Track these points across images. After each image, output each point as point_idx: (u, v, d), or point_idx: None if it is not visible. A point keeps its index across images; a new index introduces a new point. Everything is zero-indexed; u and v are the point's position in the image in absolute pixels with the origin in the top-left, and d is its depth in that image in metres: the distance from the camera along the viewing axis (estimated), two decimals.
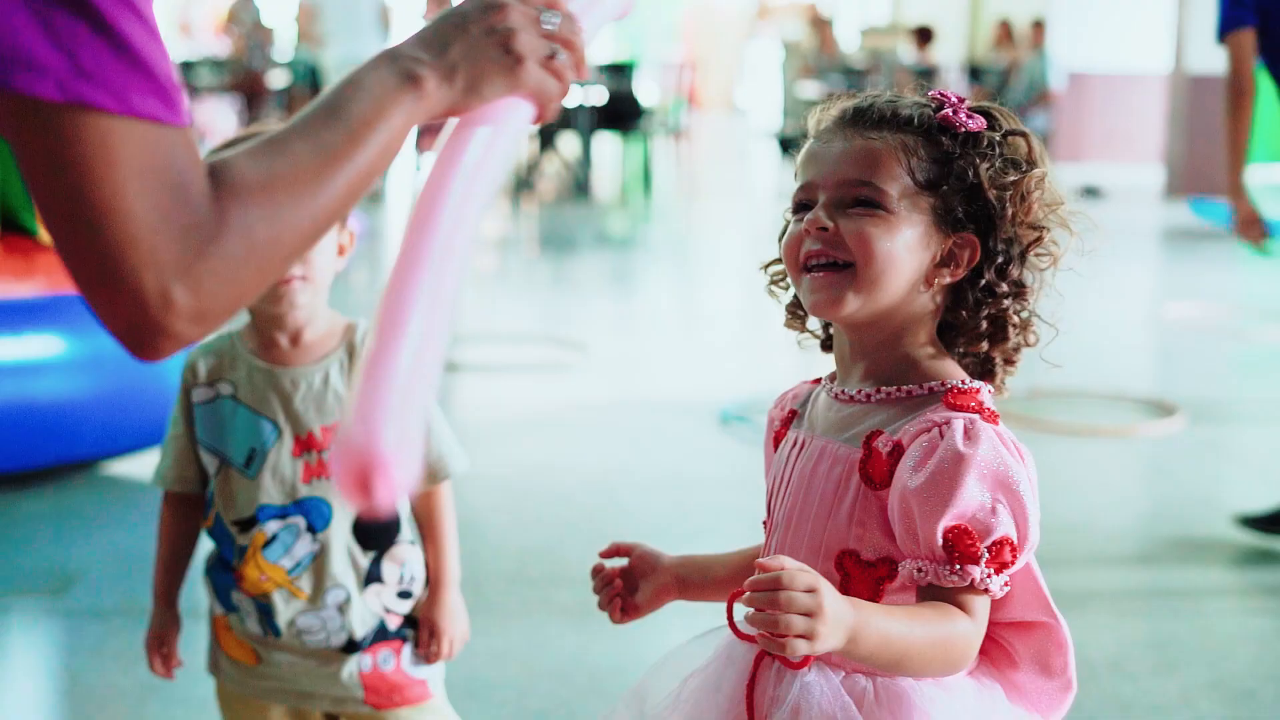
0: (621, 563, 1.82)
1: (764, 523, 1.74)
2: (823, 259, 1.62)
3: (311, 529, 2.19)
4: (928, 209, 1.61)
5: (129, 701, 3.33)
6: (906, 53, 17.02)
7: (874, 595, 1.57)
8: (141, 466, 5.04)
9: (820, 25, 19.23)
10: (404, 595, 2.26)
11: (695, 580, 1.83)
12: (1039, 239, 1.64)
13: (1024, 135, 1.66)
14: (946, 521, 1.49)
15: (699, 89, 23.84)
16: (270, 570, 2.18)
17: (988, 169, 1.61)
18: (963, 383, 1.60)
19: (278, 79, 16.15)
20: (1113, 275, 9.52)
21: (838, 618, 1.39)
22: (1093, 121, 16.40)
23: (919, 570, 1.51)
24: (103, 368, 4.78)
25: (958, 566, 1.49)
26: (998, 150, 1.63)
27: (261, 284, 1.19)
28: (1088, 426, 5.73)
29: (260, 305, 2.16)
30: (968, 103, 1.67)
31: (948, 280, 1.63)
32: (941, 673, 1.53)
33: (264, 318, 2.19)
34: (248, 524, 2.19)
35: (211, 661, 2.32)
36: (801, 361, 6.79)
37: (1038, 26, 14.72)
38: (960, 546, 1.49)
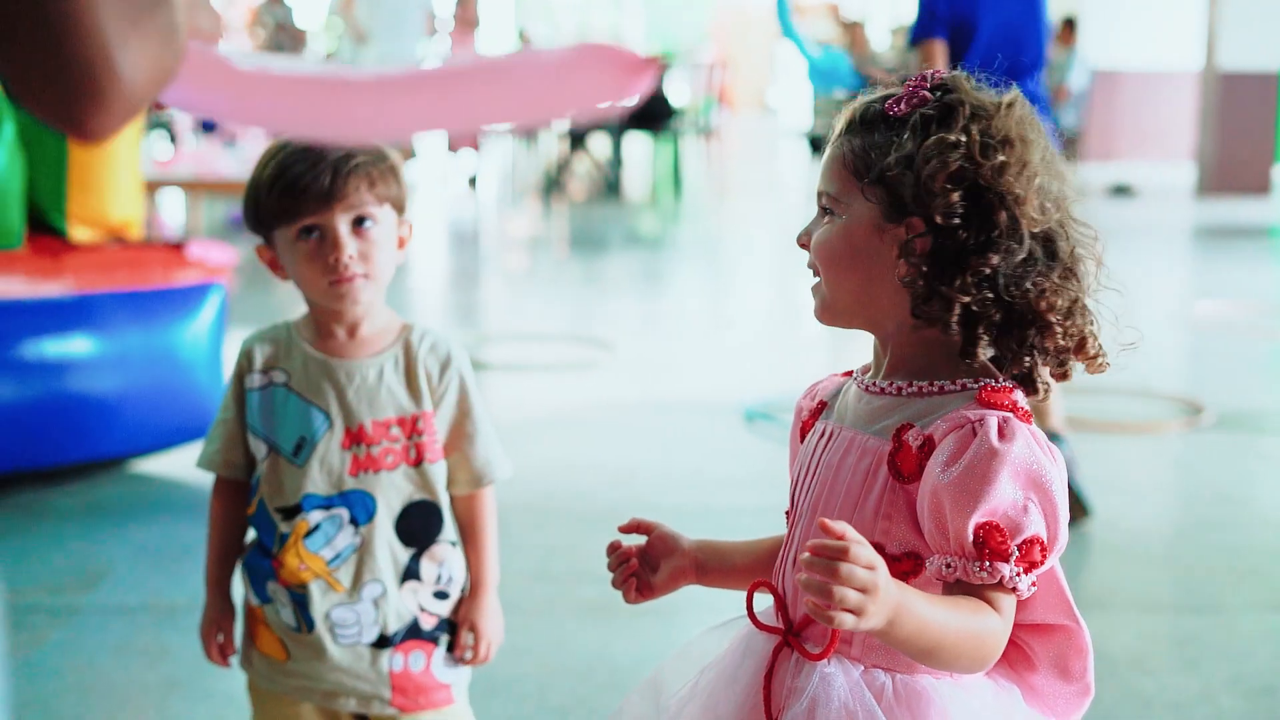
0: (640, 541, 1.81)
1: (786, 513, 1.73)
2: (811, 269, 1.65)
3: (354, 521, 2.19)
4: (876, 201, 1.57)
5: (154, 697, 3.35)
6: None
7: None
8: (170, 464, 5.08)
9: (850, 25, 19.19)
10: (440, 596, 2.26)
11: (714, 566, 1.81)
12: (1000, 215, 1.53)
13: (961, 104, 1.56)
14: (978, 518, 1.47)
15: (730, 89, 23.81)
16: (310, 560, 2.19)
17: (911, 147, 1.54)
18: (996, 380, 1.57)
19: None
20: (1143, 273, 9.49)
21: (887, 599, 1.38)
22: (1124, 120, 16.35)
23: (948, 566, 1.50)
24: (131, 366, 4.82)
25: (988, 564, 1.47)
26: (932, 128, 1.55)
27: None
28: (1115, 423, 5.72)
29: (321, 299, 2.17)
30: (938, 78, 1.60)
31: (906, 272, 1.55)
32: (969, 668, 1.52)
33: (323, 310, 2.21)
34: (291, 512, 2.19)
35: (244, 656, 2.32)
36: (828, 360, 6.79)
37: (1068, 25, 14.68)
38: (991, 543, 1.47)
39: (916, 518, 1.55)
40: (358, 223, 2.13)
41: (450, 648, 2.28)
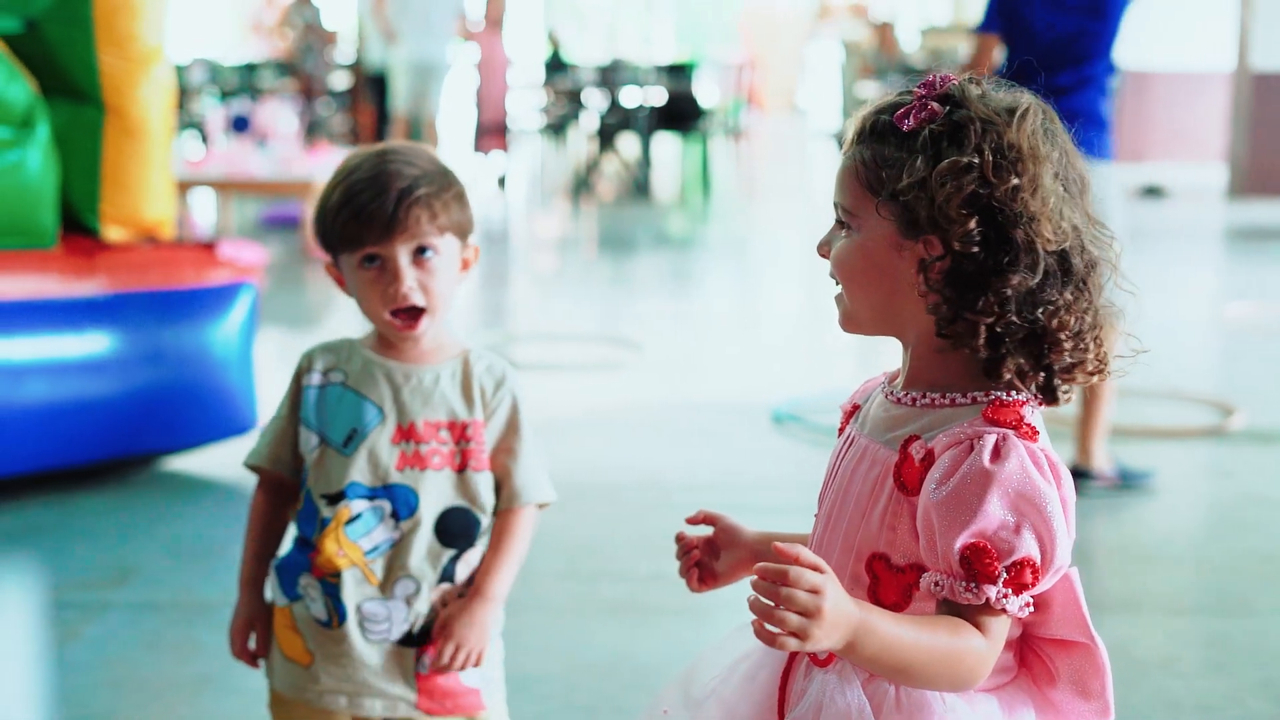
0: (706, 531, 1.83)
1: (815, 514, 1.73)
2: (833, 279, 1.66)
3: (395, 515, 2.22)
4: (891, 216, 1.55)
5: (184, 693, 3.38)
6: (967, 52, 16.93)
7: (903, 601, 1.56)
8: (201, 462, 5.11)
9: (879, 26, 19.16)
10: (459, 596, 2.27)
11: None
12: (999, 235, 1.51)
13: (972, 120, 1.53)
14: (965, 538, 1.47)
15: (759, 89, 23.79)
16: (348, 547, 2.21)
17: (923, 166, 1.52)
18: (1007, 394, 1.55)
19: (338, 80, 16.26)
20: (1174, 275, 9.46)
21: (836, 621, 1.39)
22: (1155, 120, 16.30)
23: (936, 584, 1.50)
24: (163, 365, 4.85)
25: (973, 585, 1.47)
26: (945, 147, 1.52)
27: None
28: (1146, 426, 5.71)
29: (380, 325, 2.22)
30: (946, 87, 1.57)
31: (925, 288, 1.55)
32: (948, 687, 1.51)
33: (389, 334, 2.25)
34: (335, 498, 2.22)
35: (267, 664, 2.32)
36: (857, 363, 6.80)
37: None
38: (978, 564, 1.47)
39: (918, 527, 1.55)
40: (419, 252, 2.18)
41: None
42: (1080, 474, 4.83)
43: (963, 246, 1.51)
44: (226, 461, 5.09)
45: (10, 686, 3.38)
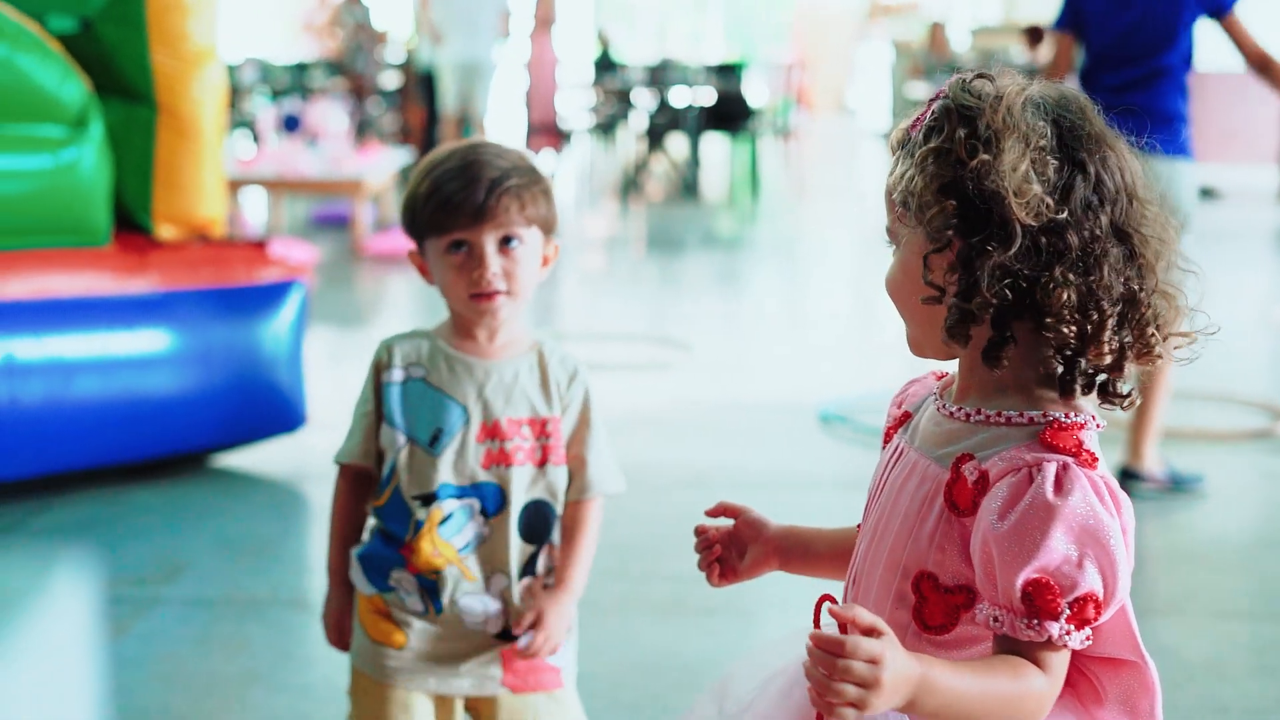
0: (726, 524, 1.82)
1: (858, 526, 1.70)
2: None
3: (484, 512, 2.26)
4: (919, 229, 1.53)
5: (233, 688, 3.40)
6: (1018, 52, 16.87)
7: (949, 623, 1.52)
8: (251, 459, 5.14)
9: (932, 26, 19.10)
10: (546, 588, 2.32)
11: (796, 554, 1.82)
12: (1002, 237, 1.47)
13: (954, 109, 1.52)
14: (1028, 574, 1.42)
15: (808, 89, 23.75)
16: (444, 547, 2.25)
17: (920, 166, 1.52)
18: (1066, 416, 1.50)
19: (389, 80, 16.32)
20: (1226, 277, 9.39)
21: (896, 687, 1.35)
22: (1210, 122, 16.15)
23: (995, 619, 1.45)
24: (213, 363, 4.89)
25: (1035, 621, 1.42)
26: (930, 135, 1.52)
27: None
28: (1197, 429, 5.67)
29: (463, 309, 2.27)
30: (960, 77, 1.55)
31: (925, 280, 1.52)
32: None
33: (466, 320, 2.29)
34: (428, 500, 2.25)
35: (355, 649, 2.35)
36: (906, 364, 6.77)
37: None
38: (1040, 600, 1.42)
39: (970, 551, 1.51)
40: (505, 241, 2.23)
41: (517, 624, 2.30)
42: (1130, 475, 4.82)
43: (940, 231, 1.48)
44: (276, 458, 5.12)
45: (61, 681, 3.41)
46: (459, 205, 2.20)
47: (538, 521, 2.30)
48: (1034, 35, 16.19)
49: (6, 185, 4.66)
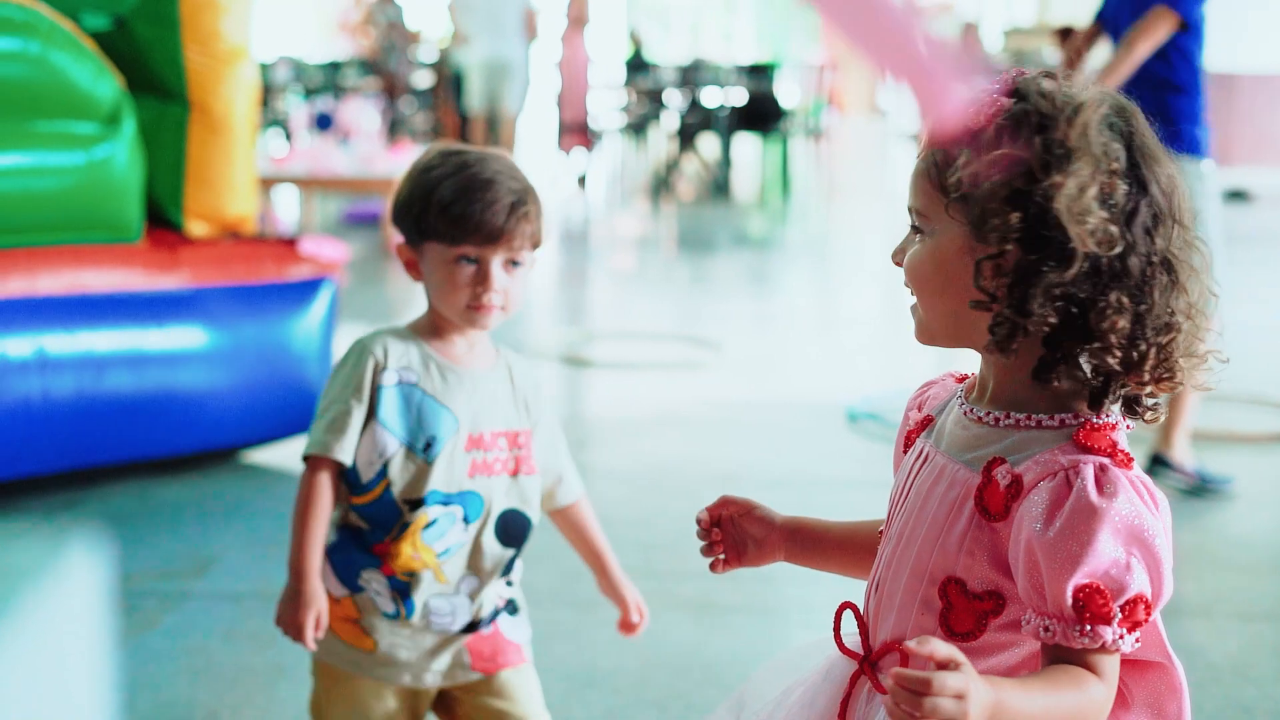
0: (728, 508, 1.81)
1: (881, 529, 1.68)
2: (907, 288, 1.59)
3: (465, 519, 2.31)
4: (962, 218, 1.49)
5: (261, 681, 3.42)
6: (1051, 53, 16.81)
7: (977, 629, 1.50)
8: (280, 455, 5.17)
9: (965, 26, 19.05)
10: (509, 584, 2.40)
11: (803, 545, 1.81)
12: (1108, 246, 1.44)
13: (1027, 114, 1.47)
14: (1078, 580, 1.39)
15: (840, 90, 23.71)
16: (424, 550, 2.29)
17: (982, 162, 1.47)
18: (1097, 417, 1.49)
19: (421, 79, 16.36)
20: (1257, 279, 9.34)
21: (979, 717, 1.31)
22: (1243, 124, 16.07)
23: (1045, 629, 1.42)
24: (243, 359, 4.91)
25: (1088, 628, 1.40)
26: (1002, 136, 1.47)
27: None
28: (1226, 431, 5.65)
29: (454, 316, 2.30)
30: (1013, 83, 1.51)
31: (974, 283, 1.48)
32: None
33: (451, 326, 2.33)
34: (416, 504, 2.28)
35: (322, 645, 2.35)
36: (933, 363, 6.76)
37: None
38: (1092, 606, 1.39)
39: (1001, 556, 1.49)
40: (510, 262, 2.29)
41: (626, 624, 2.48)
42: (1160, 462, 4.85)
43: (1000, 241, 1.45)
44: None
45: (90, 674, 3.43)
46: (478, 225, 2.23)
47: (514, 528, 2.35)
48: (1067, 36, 16.08)
49: (40, 181, 4.70)
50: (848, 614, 1.65)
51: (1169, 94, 4.79)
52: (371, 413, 2.30)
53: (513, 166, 2.31)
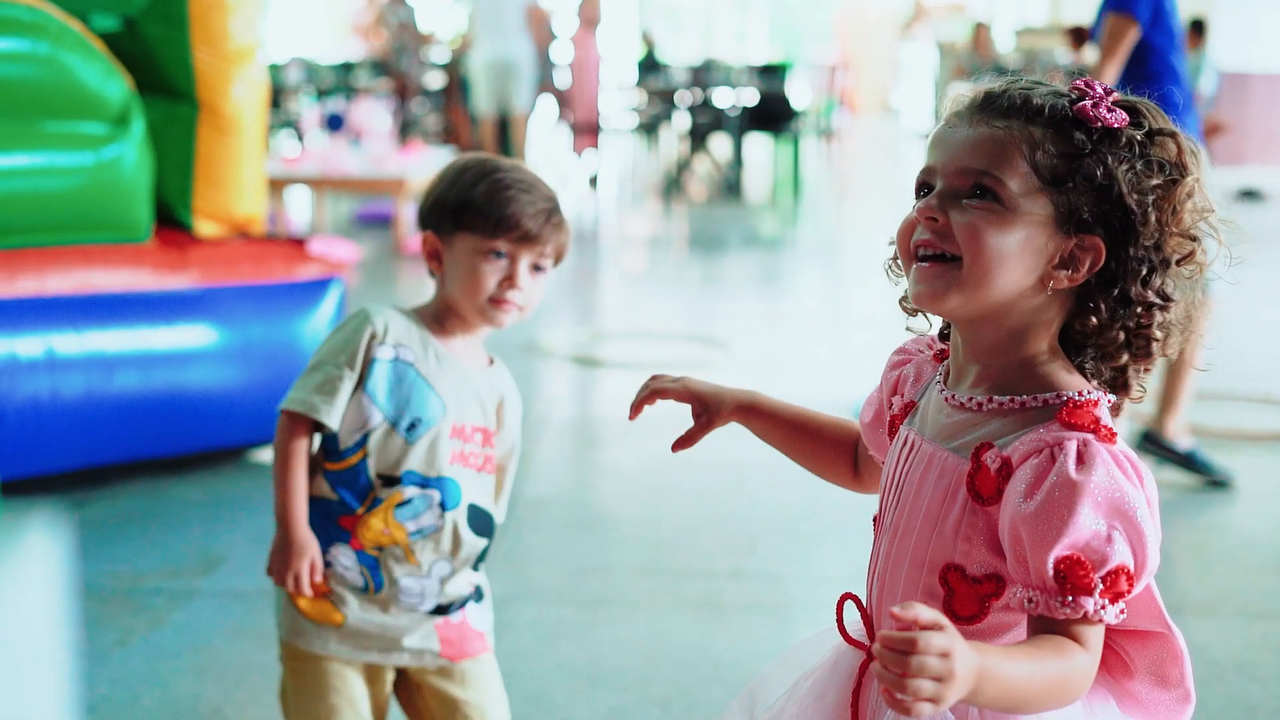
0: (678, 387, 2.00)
1: (874, 519, 1.70)
2: (931, 250, 1.56)
3: (442, 505, 2.33)
4: (1049, 206, 1.51)
5: (268, 678, 3.43)
6: (1063, 53, 16.80)
7: (980, 612, 1.53)
8: None
9: (976, 27, 19.04)
10: (475, 568, 2.43)
11: (758, 415, 2.00)
12: (1192, 252, 1.53)
13: (1173, 135, 1.54)
14: (1059, 551, 1.43)
15: (852, 90, 23.71)
16: (395, 527, 2.32)
17: (1126, 171, 1.50)
18: (1080, 395, 1.52)
19: (432, 80, 16.38)
20: (1268, 279, 9.32)
21: (965, 678, 1.33)
22: (1254, 123, 16.06)
23: (1029, 600, 1.46)
24: (253, 358, 4.93)
25: (1070, 598, 1.43)
26: (1139, 150, 1.52)
27: None
28: (1234, 430, 5.64)
29: (471, 306, 2.34)
30: (1115, 97, 1.55)
31: (1065, 285, 1.53)
32: (1057, 708, 1.47)
33: (463, 321, 2.37)
34: (391, 482, 2.31)
35: (287, 625, 2.36)
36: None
37: (1196, 27, 14.43)
38: (1073, 577, 1.42)
39: (996, 539, 1.51)
40: (536, 266, 2.35)
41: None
42: (1152, 440, 4.91)
43: (1161, 257, 1.52)
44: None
45: (99, 670, 3.45)
46: (516, 222, 2.30)
47: (481, 521, 2.40)
48: (1078, 36, 16.10)
49: (49, 182, 4.71)
50: (849, 605, 1.67)
51: (1144, 85, 4.81)
52: (360, 383, 2.32)
53: (543, 181, 2.39)
